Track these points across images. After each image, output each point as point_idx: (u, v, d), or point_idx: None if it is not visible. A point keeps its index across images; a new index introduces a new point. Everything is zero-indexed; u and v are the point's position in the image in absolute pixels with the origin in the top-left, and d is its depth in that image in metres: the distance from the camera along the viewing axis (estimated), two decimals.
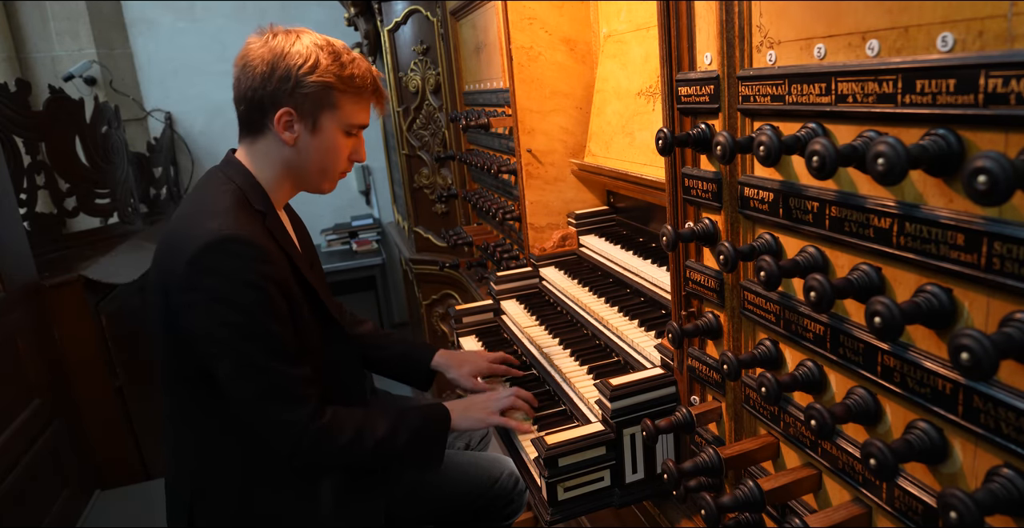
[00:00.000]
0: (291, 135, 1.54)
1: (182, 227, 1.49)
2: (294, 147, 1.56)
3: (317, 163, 1.59)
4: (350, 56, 1.56)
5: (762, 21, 0.95)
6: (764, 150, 0.86)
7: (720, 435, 1.24)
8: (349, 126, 1.57)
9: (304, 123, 1.54)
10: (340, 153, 1.60)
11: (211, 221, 1.43)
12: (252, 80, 1.51)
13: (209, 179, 1.62)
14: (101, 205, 3.70)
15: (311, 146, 1.56)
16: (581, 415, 1.58)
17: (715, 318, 1.18)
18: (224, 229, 1.41)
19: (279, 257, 1.51)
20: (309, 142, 1.56)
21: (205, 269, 1.40)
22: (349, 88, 1.53)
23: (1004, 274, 0.63)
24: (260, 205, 1.56)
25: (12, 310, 2.67)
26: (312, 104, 1.52)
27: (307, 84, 1.50)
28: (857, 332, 0.84)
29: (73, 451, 2.95)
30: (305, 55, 1.50)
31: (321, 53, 1.51)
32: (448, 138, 3.48)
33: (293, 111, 1.52)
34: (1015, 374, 0.66)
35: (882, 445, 0.74)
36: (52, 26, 4.69)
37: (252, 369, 1.43)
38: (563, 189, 2.29)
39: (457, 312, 2.31)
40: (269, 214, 1.57)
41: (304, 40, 1.53)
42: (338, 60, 1.52)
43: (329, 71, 1.50)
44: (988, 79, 0.61)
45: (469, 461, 1.85)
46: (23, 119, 3.21)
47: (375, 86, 1.60)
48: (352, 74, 1.53)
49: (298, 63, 1.49)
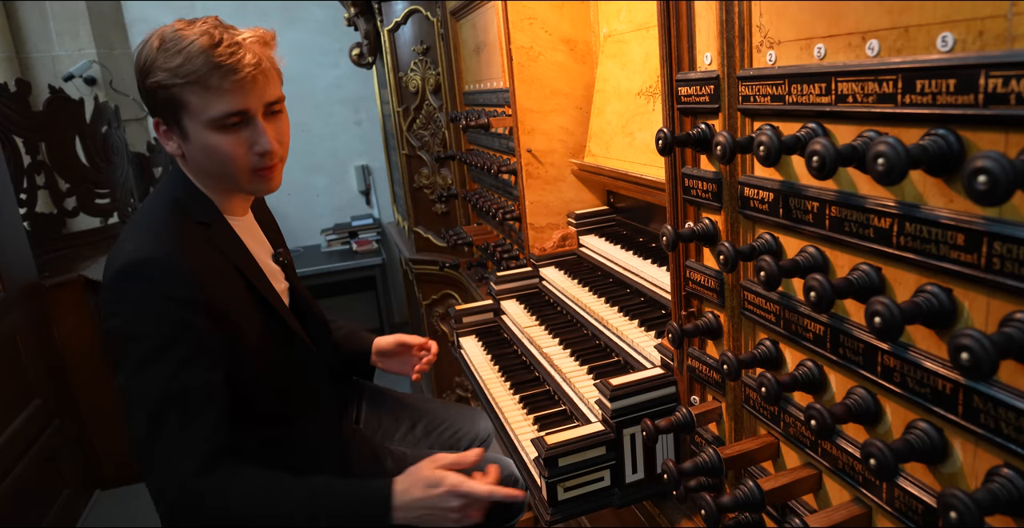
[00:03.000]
0: (174, 145, 1.41)
1: (114, 248, 1.39)
2: (184, 158, 1.44)
3: (215, 168, 1.41)
4: (185, 39, 1.32)
5: (762, 21, 0.95)
6: (764, 150, 0.86)
7: (720, 435, 1.24)
8: (211, 122, 1.35)
9: (173, 130, 1.39)
10: (227, 152, 1.38)
11: (129, 242, 1.35)
12: None
13: (152, 193, 1.53)
14: (101, 205, 3.70)
15: (193, 153, 1.41)
16: (581, 415, 1.58)
17: (715, 318, 1.18)
18: (137, 252, 1.31)
19: (215, 276, 1.38)
20: (190, 150, 1.40)
21: (115, 297, 1.31)
22: (185, 79, 1.31)
23: (1004, 274, 0.63)
24: (202, 216, 1.44)
25: (12, 310, 2.67)
26: (166, 109, 1.36)
27: (148, 90, 1.35)
28: (857, 332, 0.84)
29: (73, 451, 2.95)
30: (144, 56, 1.34)
31: (157, 47, 1.33)
32: (448, 138, 3.48)
33: (160, 120, 1.39)
34: (1015, 374, 0.65)
35: (882, 445, 0.74)
36: (52, 26, 4.69)
37: (147, 406, 1.27)
38: (563, 189, 2.29)
39: (457, 312, 2.31)
40: (215, 224, 1.45)
41: (153, 34, 1.35)
42: (168, 50, 1.32)
43: (159, 68, 1.32)
44: (988, 79, 0.61)
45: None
46: (23, 119, 3.21)
47: (210, 61, 1.30)
48: (182, 62, 1.31)
49: (139, 68, 1.35)
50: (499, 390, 1.90)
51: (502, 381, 1.94)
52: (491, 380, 1.96)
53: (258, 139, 1.39)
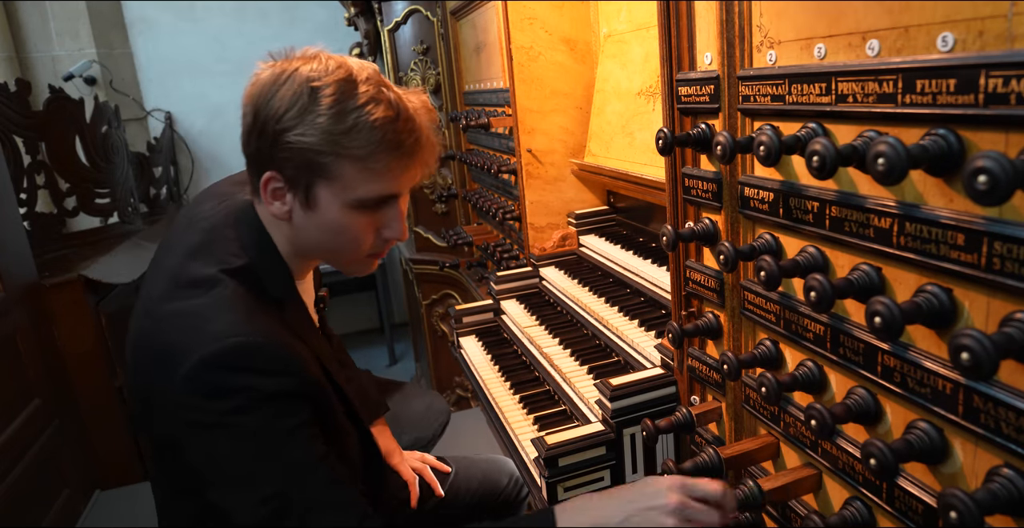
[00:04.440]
0: (282, 207, 1.13)
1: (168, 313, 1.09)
2: (291, 223, 1.15)
3: (325, 245, 1.16)
4: (355, 101, 1.04)
5: (762, 21, 0.95)
6: (764, 150, 0.86)
7: (720, 435, 1.24)
8: (357, 202, 1.10)
9: (295, 193, 1.11)
10: (354, 234, 1.14)
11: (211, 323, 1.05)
12: (243, 129, 1.12)
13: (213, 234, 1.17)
14: (101, 205, 3.70)
15: (310, 224, 1.13)
16: (581, 415, 1.58)
17: (715, 318, 1.18)
18: (235, 336, 1.03)
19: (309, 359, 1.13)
20: (306, 219, 1.13)
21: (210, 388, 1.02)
22: (348, 150, 1.05)
23: (1004, 274, 0.63)
24: (278, 291, 1.16)
25: (12, 310, 2.67)
26: (299, 171, 1.08)
27: (283, 144, 1.06)
28: (857, 332, 0.84)
29: (73, 451, 2.95)
30: (290, 99, 1.04)
31: (311, 97, 1.04)
32: (448, 138, 3.48)
33: (279, 176, 1.10)
34: (1015, 374, 0.65)
35: (882, 445, 0.74)
36: (52, 26, 4.69)
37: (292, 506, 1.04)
38: (563, 189, 2.29)
39: (457, 312, 2.31)
40: (290, 303, 1.18)
41: (300, 75, 1.05)
42: (328, 108, 1.03)
43: (314, 126, 1.04)
44: (988, 79, 0.61)
45: (474, 474, 1.78)
46: (23, 119, 3.21)
47: (385, 139, 1.05)
48: (348, 130, 1.04)
49: (278, 112, 1.05)
50: (499, 390, 1.90)
51: (502, 381, 1.94)
52: (491, 380, 1.97)
53: (392, 224, 1.16)
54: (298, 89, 1.04)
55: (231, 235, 1.17)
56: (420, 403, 2.08)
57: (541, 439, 1.34)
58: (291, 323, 1.16)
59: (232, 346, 1.02)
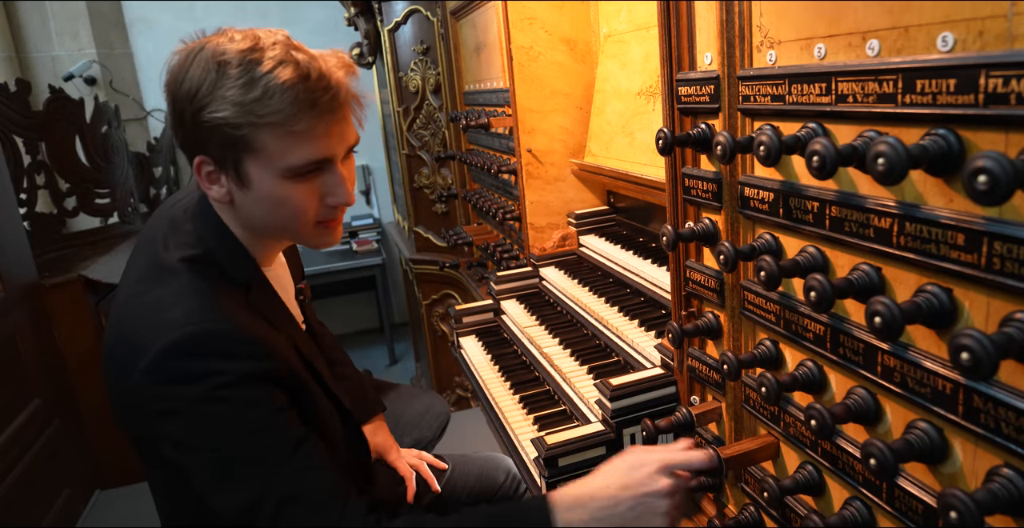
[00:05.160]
0: (220, 190, 1.12)
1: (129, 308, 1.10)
2: (233, 205, 1.14)
3: (274, 220, 1.14)
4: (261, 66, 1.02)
5: (762, 21, 0.95)
6: (764, 150, 0.86)
7: (720, 435, 1.24)
8: (288, 170, 1.07)
9: (227, 174, 1.09)
10: (298, 205, 1.11)
11: (170, 309, 1.05)
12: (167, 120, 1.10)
13: (167, 233, 1.17)
14: (101, 205, 3.70)
15: (249, 202, 1.12)
16: (581, 415, 1.58)
17: (715, 318, 1.18)
18: (194, 323, 1.03)
19: (280, 344, 1.13)
20: (245, 198, 1.11)
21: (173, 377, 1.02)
22: (263, 119, 1.02)
23: (1004, 274, 0.63)
24: (243, 276, 1.17)
25: (12, 310, 2.67)
26: (224, 150, 1.06)
27: (202, 125, 1.04)
28: (857, 332, 0.84)
29: (73, 451, 2.95)
30: (199, 77, 1.03)
31: (217, 72, 1.02)
32: (448, 138, 3.48)
33: (208, 158, 1.08)
34: (1015, 374, 0.65)
35: (882, 445, 0.74)
36: (52, 26, 4.69)
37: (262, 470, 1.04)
38: (563, 189, 2.29)
39: (457, 312, 2.31)
40: (256, 286, 1.18)
41: (206, 52, 1.04)
42: (236, 79, 1.02)
43: (225, 101, 1.01)
44: (988, 79, 0.61)
45: (471, 471, 1.78)
46: (23, 119, 3.21)
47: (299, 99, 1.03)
48: (259, 96, 1.01)
49: (190, 92, 1.03)
50: (499, 390, 1.90)
51: (502, 381, 1.94)
52: (491, 380, 1.97)
53: (335, 190, 1.13)
54: (206, 66, 1.03)
55: (188, 228, 1.18)
56: (420, 404, 2.08)
57: (541, 439, 1.34)
58: (260, 308, 1.16)
59: (191, 333, 1.02)
